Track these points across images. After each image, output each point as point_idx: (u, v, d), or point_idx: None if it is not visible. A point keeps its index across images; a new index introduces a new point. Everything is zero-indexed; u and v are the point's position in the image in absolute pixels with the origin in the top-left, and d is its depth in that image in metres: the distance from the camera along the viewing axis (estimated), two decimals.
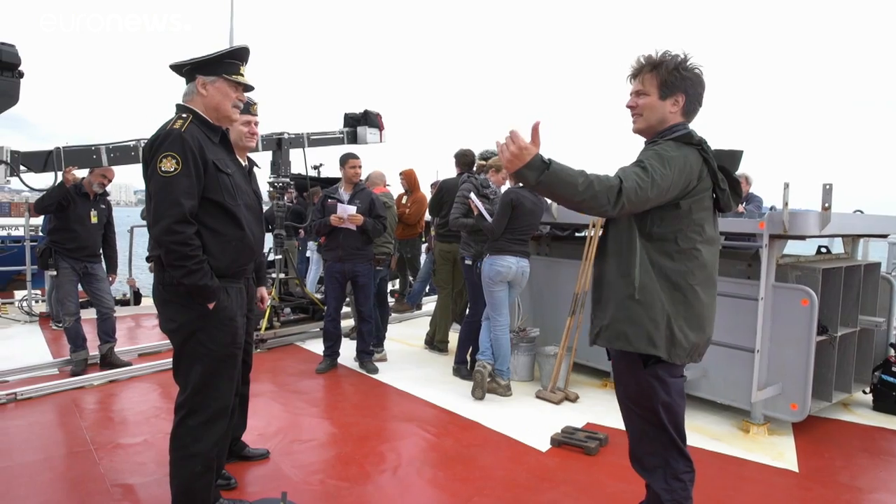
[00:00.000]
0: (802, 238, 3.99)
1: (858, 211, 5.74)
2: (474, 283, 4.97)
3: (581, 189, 1.81)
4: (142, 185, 2.58)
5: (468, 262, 5.05)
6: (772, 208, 4.75)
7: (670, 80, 2.05)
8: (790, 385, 3.86)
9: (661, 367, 2.04)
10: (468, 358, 5.16)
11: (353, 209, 4.98)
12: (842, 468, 3.49)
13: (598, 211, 1.87)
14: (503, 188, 5.05)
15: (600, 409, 4.30)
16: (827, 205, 3.80)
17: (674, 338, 2.00)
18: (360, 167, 5.25)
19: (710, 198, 2.07)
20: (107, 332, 5.13)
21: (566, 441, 3.63)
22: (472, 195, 4.80)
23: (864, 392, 4.55)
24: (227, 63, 2.54)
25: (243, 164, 2.97)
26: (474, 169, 5.49)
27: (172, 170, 2.32)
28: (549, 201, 5.15)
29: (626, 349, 2.04)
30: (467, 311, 5.27)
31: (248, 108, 3.07)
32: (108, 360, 5.06)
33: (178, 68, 2.58)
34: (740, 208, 5.64)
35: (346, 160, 5.24)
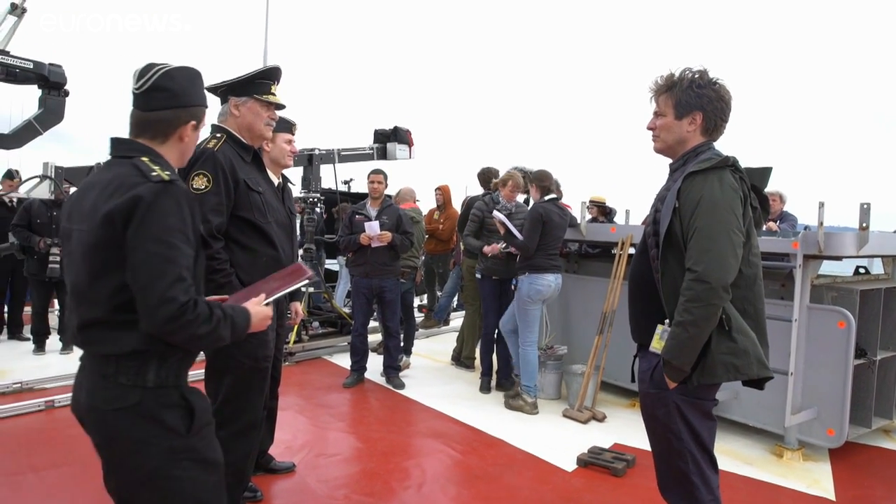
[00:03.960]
0: (839, 258, 3.90)
1: None
2: (487, 296, 5.06)
3: (696, 332, 1.88)
4: None
5: (479, 275, 5.13)
6: (806, 228, 4.66)
7: (685, 99, 2.04)
8: (826, 410, 3.75)
9: (699, 389, 2.00)
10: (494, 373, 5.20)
11: (377, 226, 5.04)
12: (882, 498, 3.37)
13: (721, 302, 1.89)
14: (515, 202, 5.09)
15: (628, 429, 4.24)
16: (865, 224, 3.71)
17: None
18: (379, 182, 5.28)
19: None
20: None
21: (593, 461, 3.58)
22: (497, 213, 4.78)
23: None
24: (258, 83, 2.63)
25: (276, 181, 3.05)
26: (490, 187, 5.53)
27: (203, 187, 2.41)
28: (576, 217, 5.14)
29: (737, 379, 1.97)
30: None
31: (290, 127, 3.18)
32: None
33: (213, 90, 2.68)
34: (774, 226, 5.54)
35: (368, 176, 5.35)
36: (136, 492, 1.60)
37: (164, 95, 1.62)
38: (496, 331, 5.12)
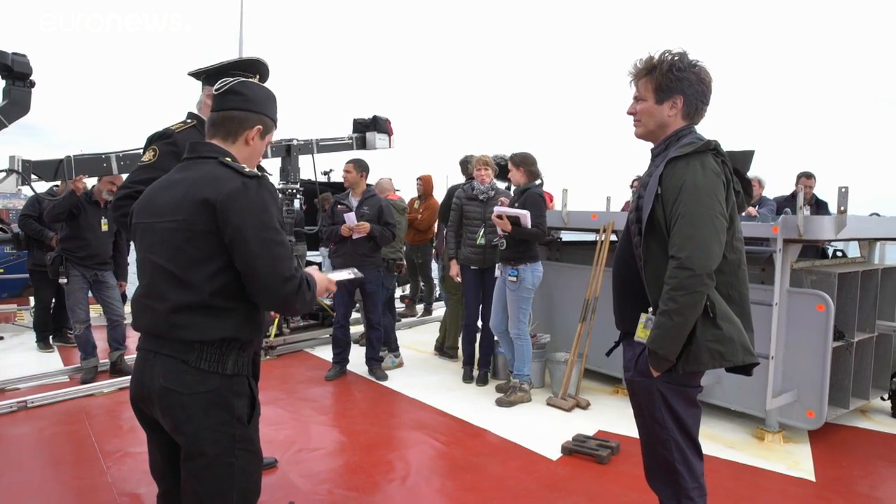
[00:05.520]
0: (817, 242, 3.92)
1: (875, 214, 5.64)
2: (467, 287, 5.04)
3: (681, 321, 1.85)
4: None
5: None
6: (785, 212, 4.68)
7: (665, 83, 2.00)
8: (806, 392, 3.78)
9: (683, 377, 1.98)
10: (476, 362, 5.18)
11: (353, 217, 4.97)
12: (860, 477, 3.41)
13: (705, 289, 1.86)
14: (491, 184, 5.04)
15: (612, 416, 4.24)
16: (843, 208, 3.73)
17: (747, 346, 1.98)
18: (348, 172, 5.20)
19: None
20: (117, 339, 5.14)
21: (577, 449, 3.57)
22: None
23: (883, 398, 4.45)
24: (231, 75, 2.55)
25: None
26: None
27: (147, 160, 2.37)
28: (557, 206, 5.12)
29: (722, 367, 1.94)
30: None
31: None
32: (118, 368, 5.07)
33: (196, 76, 2.62)
34: (753, 211, 5.57)
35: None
36: (197, 477, 1.67)
37: (237, 98, 1.81)
38: (478, 320, 5.09)
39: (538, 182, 4.64)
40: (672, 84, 2.00)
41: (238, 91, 1.81)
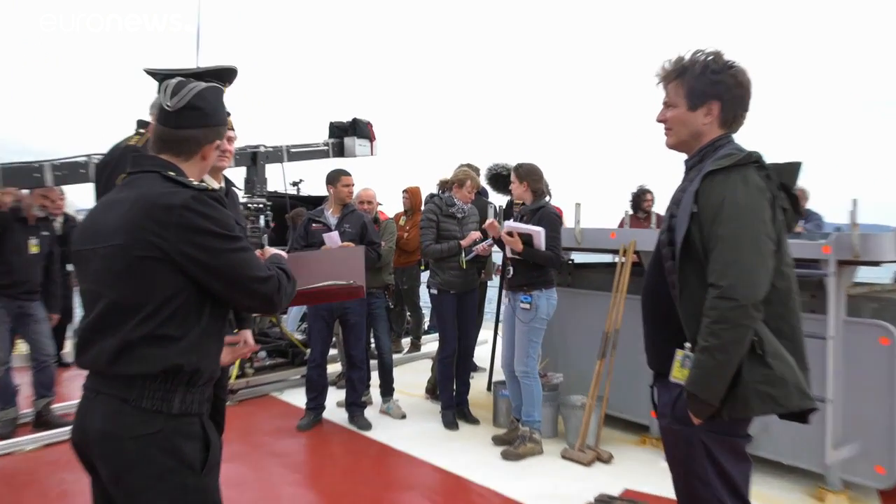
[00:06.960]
0: (877, 264, 3.93)
1: None
2: (446, 315, 5.09)
3: (725, 359, 1.85)
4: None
5: (434, 291, 5.15)
6: (837, 228, 4.70)
7: (699, 88, 2.04)
8: (873, 443, 3.74)
9: (727, 424, 1.96)
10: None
11: (337, 236, 4.93)
12: None
13: (752, 322, 1.87)
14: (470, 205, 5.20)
15: (639, 471, 4.20)
16: None
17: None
18: (353, 185, 5.24)
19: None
20: (44, 384, 5.04)
21: None
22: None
23: None
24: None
25: (217, 185, 2.95)
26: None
27: None
28: (569, 223, 5.12)
29: (775, 413, 1.93)
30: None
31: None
32: (44, 419, 4.97)
33: (153, 75, 2.60)
34: (799, 228, 5.60)
35: (336, 178, 5.18)
36: None
37: (196, 115, 1.83)
38: (455, 356, 5.16)
39: (533, 202, 4.66)
40: (707, 88, 2.04)
41: (197, 107, 1.83)
